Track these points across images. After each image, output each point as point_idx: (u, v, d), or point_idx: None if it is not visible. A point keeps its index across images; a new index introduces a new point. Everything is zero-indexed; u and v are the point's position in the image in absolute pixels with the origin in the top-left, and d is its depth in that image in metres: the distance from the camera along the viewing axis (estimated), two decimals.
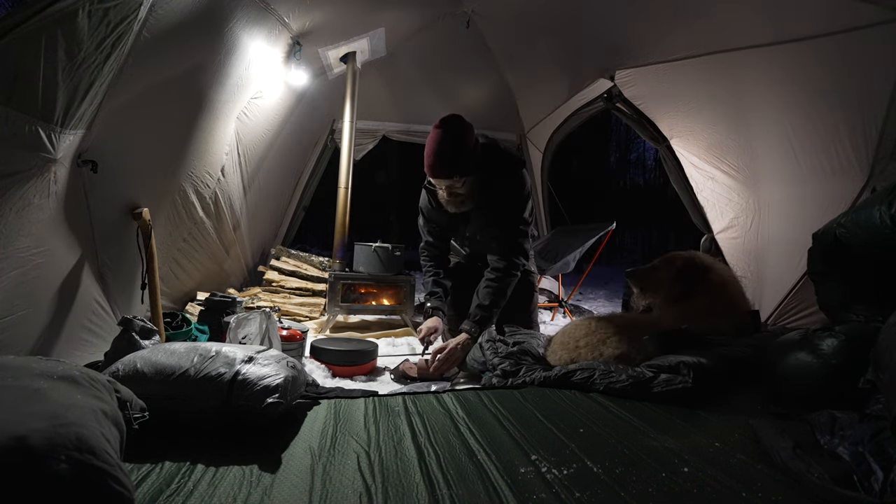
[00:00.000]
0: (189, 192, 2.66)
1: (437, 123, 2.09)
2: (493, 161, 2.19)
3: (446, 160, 2.06)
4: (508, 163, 2.24)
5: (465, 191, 2.15)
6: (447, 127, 2.07)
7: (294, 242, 4.50)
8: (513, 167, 2.24)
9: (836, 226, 1.87)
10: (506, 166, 2.22)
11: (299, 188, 4.44)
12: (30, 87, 1.40)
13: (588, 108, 4.13)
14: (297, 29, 2.82)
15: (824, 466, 1.08)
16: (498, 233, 2.27)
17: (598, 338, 1.96)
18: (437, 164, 2.07)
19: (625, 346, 1.90)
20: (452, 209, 2.22)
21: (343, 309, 2.99)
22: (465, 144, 2.07)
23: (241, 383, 1.27)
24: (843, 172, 2.33)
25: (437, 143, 2.05)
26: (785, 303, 2.72)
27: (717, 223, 3.30)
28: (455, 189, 2.14)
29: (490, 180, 2.18)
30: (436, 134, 2.06)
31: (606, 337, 1.95)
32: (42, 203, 1.60)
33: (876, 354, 1.27)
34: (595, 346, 1.94)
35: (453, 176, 2.08)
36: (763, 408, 1.60)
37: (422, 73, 4.04)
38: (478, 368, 2.02)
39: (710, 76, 2.87)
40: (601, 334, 1.97)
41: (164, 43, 1.86)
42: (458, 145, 2.06)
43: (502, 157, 2.24)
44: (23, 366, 0.94)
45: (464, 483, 1.06)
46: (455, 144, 2.05)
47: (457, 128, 2.07)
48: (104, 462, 0.78)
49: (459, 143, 2.06)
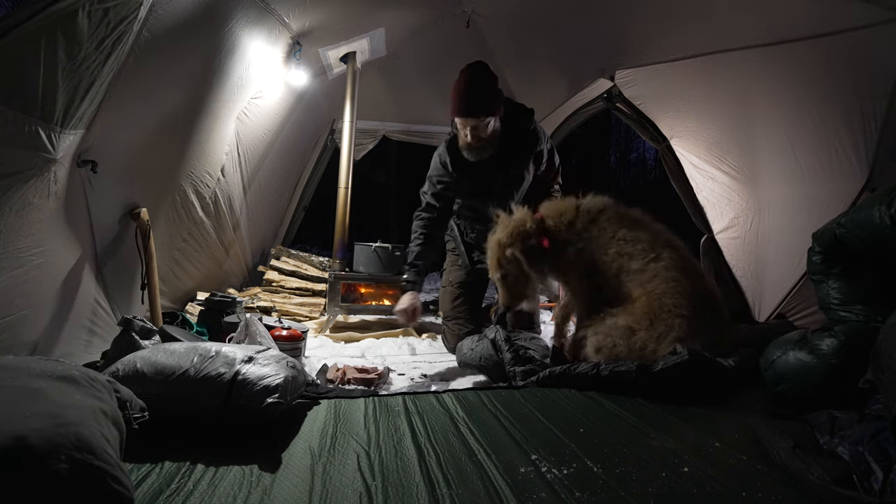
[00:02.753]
0: (189, 192, 2.66)
1: (463, 68, 2.21)
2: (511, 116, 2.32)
3: (476, 98, 2.15)
4: (524, 112, 2.38)
5: (488, 134, 2.22)
6: (476, 69, 2.19)
7: (294, 242, 4.49)
8: (528, 116, 2.38)
9: (836, 226, 1.87)
10: (522, 117, 2.36)
11: (299, 188, 4.44)
12: (30, 87, 1.40)
13: (588, 108, 4.13)
14: (297, 29, 2.82)
15: (824, 466, 1.07)
16: (520, 174, 2.35)
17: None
18: (467, 103, 2.15)
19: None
20: (474, 157, 2.27)
21: (343, 309, 2.99)
22: (493, 86, 2.19)
23: (241, 383, 1.27)
24: (843, 172, 2.33)
25: (467, 83, 2.16)
26: (785, 303, 2.72)
27: (716, 223, 3.30)
28: (479, 132, 2.20)
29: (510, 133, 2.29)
30: (465, 76, 2.18)
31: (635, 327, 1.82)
32: (42, 203, 1.60)
33: (876, 355, 1.27)
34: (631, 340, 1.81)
35: (480, 115, 2.15)
36: (763, 408, 1.60)
37: (422, 73, 4.03)
38: (474, 364, 2.03)
39: (710, 76, 2.87)
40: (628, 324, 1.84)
41: (165, 43, 1.86)
42: (488, 85, 2.17)
43: (517, 107, 2.38)
44: (22, 366, 0.94)
45: (464, 483, 1.06)
46: (485, 84, 2.17)
47: (485, 70, 2.20)
48: (104, 462, 0.78)
49: (489, 84, 2.18)
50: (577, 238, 2.00)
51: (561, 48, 3.53)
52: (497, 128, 2.25)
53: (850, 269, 1.86)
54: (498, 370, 1.94)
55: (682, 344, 1.70)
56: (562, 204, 2.09)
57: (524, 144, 2.35)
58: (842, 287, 1.87)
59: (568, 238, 2.01)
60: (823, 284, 1.94)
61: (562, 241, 2.01)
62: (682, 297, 1.81)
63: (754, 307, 3.00)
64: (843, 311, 1.83)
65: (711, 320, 1.86)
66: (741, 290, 3.11)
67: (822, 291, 1.94)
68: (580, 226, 2.01)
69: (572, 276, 2.05)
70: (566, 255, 2.01)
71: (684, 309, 1.78)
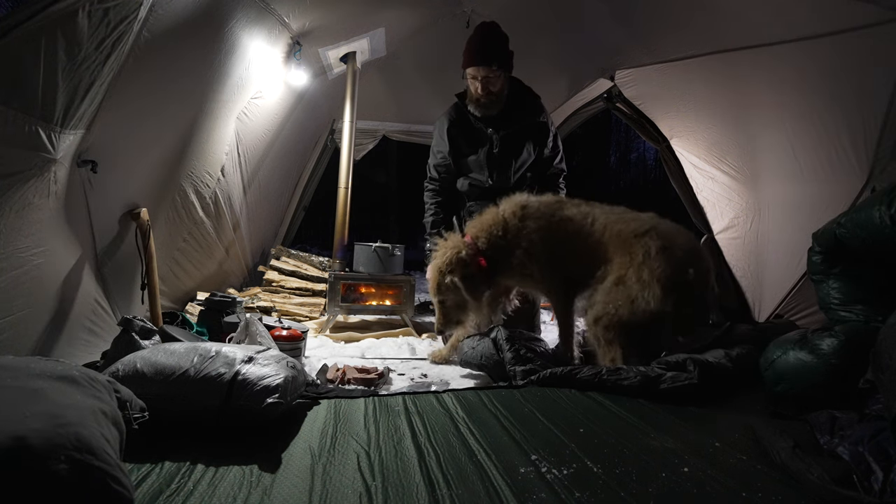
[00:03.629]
0: (189, 192, 2.66)
1: (479, 25, 2.41)
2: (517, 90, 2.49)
3: (491, 49, 2.30)
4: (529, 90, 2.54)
5: (497, 88, 2.35)
6: (491, 25, 2.37)
7: (294, 242, 4.49)
8: (532, 93, 2.54)
9: (835, 226, 1.87)
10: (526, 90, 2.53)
11: (299, 188, 4.44)
12: (30, 87, 1.40)
13: (588, 108, 4.13)
14: (297, 29, 2.82)
15: (824, 466, 1.07)
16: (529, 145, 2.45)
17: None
18: (481, 50, 2.30)
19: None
20: (481, 111, 2.41)
21: (343, 309, 2.99)
22: (500, 39, 2.35)
23: (241, 383, 1.27)
24: (843, 172, 2.33)
25: (483, 35, 2.33)
26: (785, 303, 2.72)
27: (716, 223, 3.30)
28: (490, 83, 2.33)
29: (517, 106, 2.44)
30: (480, 30, 2.35)
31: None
32: (42, 203, 1.60)
33: (876, 355, 1.27)
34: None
35: (494, 64, 2.29)
36: (763, 408, 1.60)
37: (422, 73, 4.03)
38: (475, 363, 2.03)
39: (710, 76, 2.87)
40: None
41: (164, 43, 1.86)
42: (502, 40, 2.34)
43: (525, 87, 2.53)
44: (22, 366, 0.94)
45: (464, 483, 1.06)
46: (499, 38, 2.33)
47: (493, 26, 2.37)
48: (103, 462, 0.78)
49: (503, 40, 2.35)
50: (516, 241, 2.02)
51: (561, 48, 3.53)
52: (505, 87, 2.38)
53: (850, 269, 1.86)
54: (499, 369, 1.94)
55: (665, 290, 1.74)
56: (484, 218, 2.10)
57: (525, 109, 2.47)
58: (842, 287, 1.87)
59: (508, 245, 2.03)
60: (823, 284, 1.94)
61: (503, 251, 2.03)
62: (646, 235, 1.88)
63: (754, 307, 2.99)
64: (843, 311, 1.83)
65: (677, 246, 1.90)
66: (741, 290, 3.11)
67: (822, 291, 1.94)
68: (514, 229, 2.04)
69: (535, 272, 2.05)
70: (515, 262, 2.03)
71: (652, 241, 1.85)
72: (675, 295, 1.78)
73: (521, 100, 2.47)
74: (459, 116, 2.48)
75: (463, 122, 2.47)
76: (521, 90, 2.51)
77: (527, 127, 2.46)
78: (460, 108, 2.49)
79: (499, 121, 2.43)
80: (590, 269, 1.97)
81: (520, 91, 2.51)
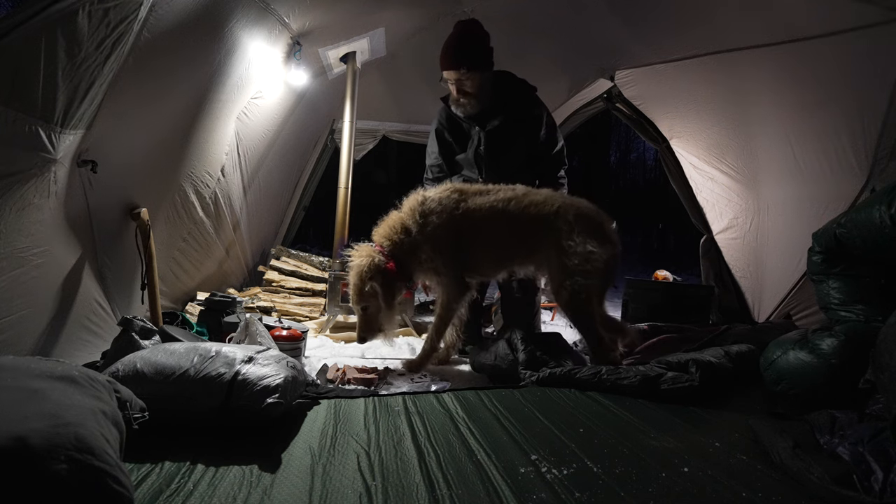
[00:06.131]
0: (189, 192, 2.66)
1: (455, 24, 2.36)
2: (506, 84, 2.42)
3: (459, 52, 2.27)
4: (524, 86, 2.47)
5: (472, 89, 2.32)
6: (466, 25, 2.35)
7: (294, 242, 4.49)
8: (527, 85, 2.47)
9: (835, 226, 1.87)
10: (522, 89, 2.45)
11: (299, 188, 4.43)
12: (30, 87, 1.40)
13: (588, 108, 4.13)
14: (297, 29, 2.82)
15: (824, 466, 1.08)
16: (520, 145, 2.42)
17: None
18: (451, 53, 2.29)
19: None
20: (461, 112, 2.38)
21: (343, 309, 2.99)
22: (472, 39, 2.31)
23: (241, 383, 1.27)
24: (842, 172, 2.33)
25: (456, 36, 2.31)
26: (785, 303, 2.72)
27: (716, 223, 3.30)
28: (463, 85, 2.31)
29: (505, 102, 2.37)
30: (454, 29, 2.33)
31: None
32: (42, 203, 1.60)
33: (876, 354, 1.27)
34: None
35: (460, 67, 2.26)
36: (763, 408, 1.60)
37: (422, 73, 4.02)
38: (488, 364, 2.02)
39: (710, 76, 2.87)
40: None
41: (164, 43, 1.86)
42: (474, 41, 2.30)
43: (516, 81, 2.47)
44: (22, 366, 0.94)
45: (464, 483, 1.06)
46: (470, 39, 2.30)
47: (474, 26, 2.35)
48: (103, 462, 0.78)
49: (475, 39, 2.31)
50: (421, 238, 2.05)
51: (561, 48, 3.53)
52: (484, 85, 2.34)
53: (850, 269, 1.86)
54: (514, 370, 1.93)
55: (600, 241, 1.93)
56: (386, 221, 2.14)
57: (512, 103, 2.42)
58: (842, 287, 1.87)
59: (414, 242, 2.06)
60: (823, 284, 1.94)
61: (410, 251, 2.06)
62: (560, 208, 2.04)
63: (754, 307, 3.00)
64: (844, 311, 1.83)
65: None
66: (741, 290, 3.11)
67: (822, 291, 1.94)
68: (416, 227, 2.06)
69: (439, 266, 2.08)
70: (424, 257, 2.06)
71: (567, 211, 2.02)
72: (610, 245, 2.00)
73: (510, 94, 2.43)
74: (448, 117, 2.49)
75: (452, 122, 2.47)
76: (511, 84, 2.47)
77: (517, 120, 2.42)
78: (448, 109, 2.50)
79: (485, 117, 2.42)
80: (511, 250, 2.10)
81: (510, 85, 2.46)
